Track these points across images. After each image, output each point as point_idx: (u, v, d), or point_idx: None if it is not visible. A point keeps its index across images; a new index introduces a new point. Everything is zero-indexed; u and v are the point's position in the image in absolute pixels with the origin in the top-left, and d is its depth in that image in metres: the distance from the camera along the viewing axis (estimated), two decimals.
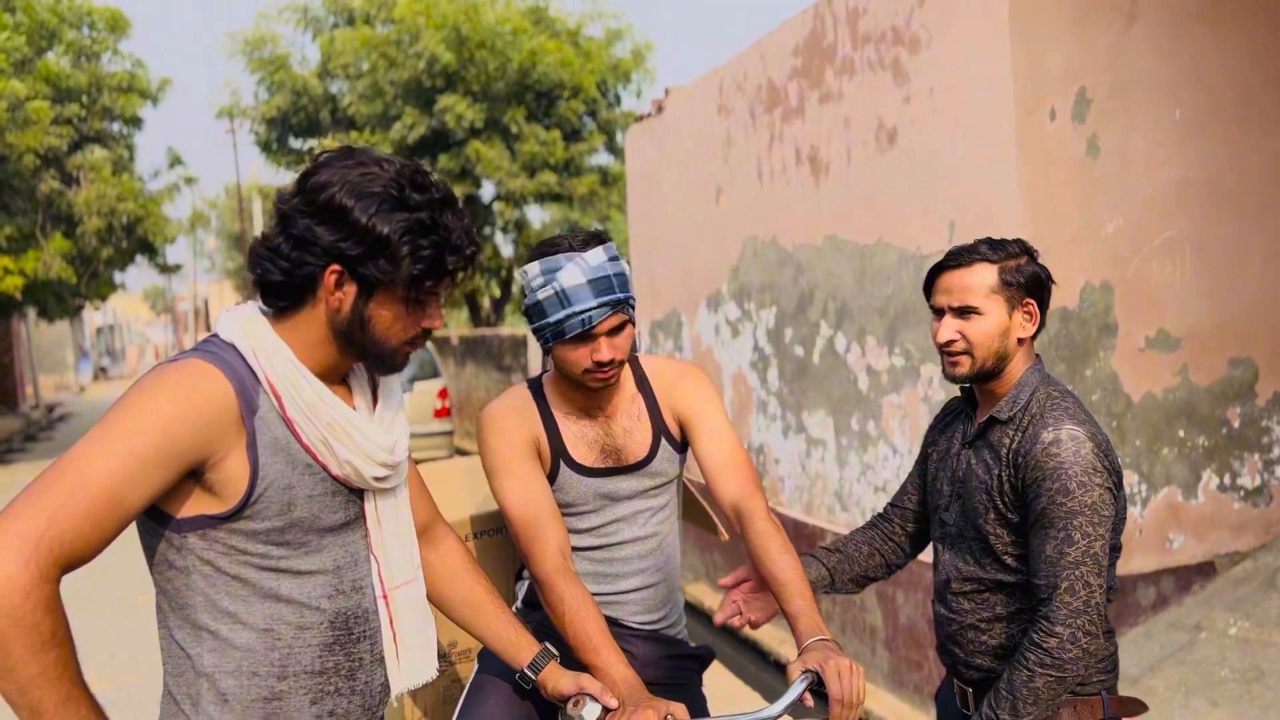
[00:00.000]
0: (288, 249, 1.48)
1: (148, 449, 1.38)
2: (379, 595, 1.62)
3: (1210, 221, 4.15)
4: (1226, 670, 3.67)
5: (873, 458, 5.04)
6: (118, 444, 1.37)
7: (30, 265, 16.12)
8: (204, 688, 1.50)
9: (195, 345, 1.52)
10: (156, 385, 1.43)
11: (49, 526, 1.32)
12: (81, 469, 1.35)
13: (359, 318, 1.51)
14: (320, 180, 1.48)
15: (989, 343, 2.02)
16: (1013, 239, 2.08)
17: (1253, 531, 4.26)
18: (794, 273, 5.64)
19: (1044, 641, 1.88)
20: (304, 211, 1.48)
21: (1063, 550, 1.89)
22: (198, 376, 1.44)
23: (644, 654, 2.27)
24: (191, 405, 1.41)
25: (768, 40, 5.80)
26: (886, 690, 4.93)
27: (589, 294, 2.03)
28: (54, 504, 1.33)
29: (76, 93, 16.82)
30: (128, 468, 1.36)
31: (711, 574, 6.90)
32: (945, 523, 2.16)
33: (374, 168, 1.49)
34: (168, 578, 1.50)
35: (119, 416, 1.39)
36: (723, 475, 2.16)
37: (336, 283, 1.49)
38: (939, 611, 2.17)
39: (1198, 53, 4.12)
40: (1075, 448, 1.90)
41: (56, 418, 25.35)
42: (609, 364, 2.09)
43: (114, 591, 7.62)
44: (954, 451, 2.15)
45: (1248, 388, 4.22)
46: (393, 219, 1.47)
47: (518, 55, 15.71)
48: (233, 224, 40.81)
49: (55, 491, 1.33)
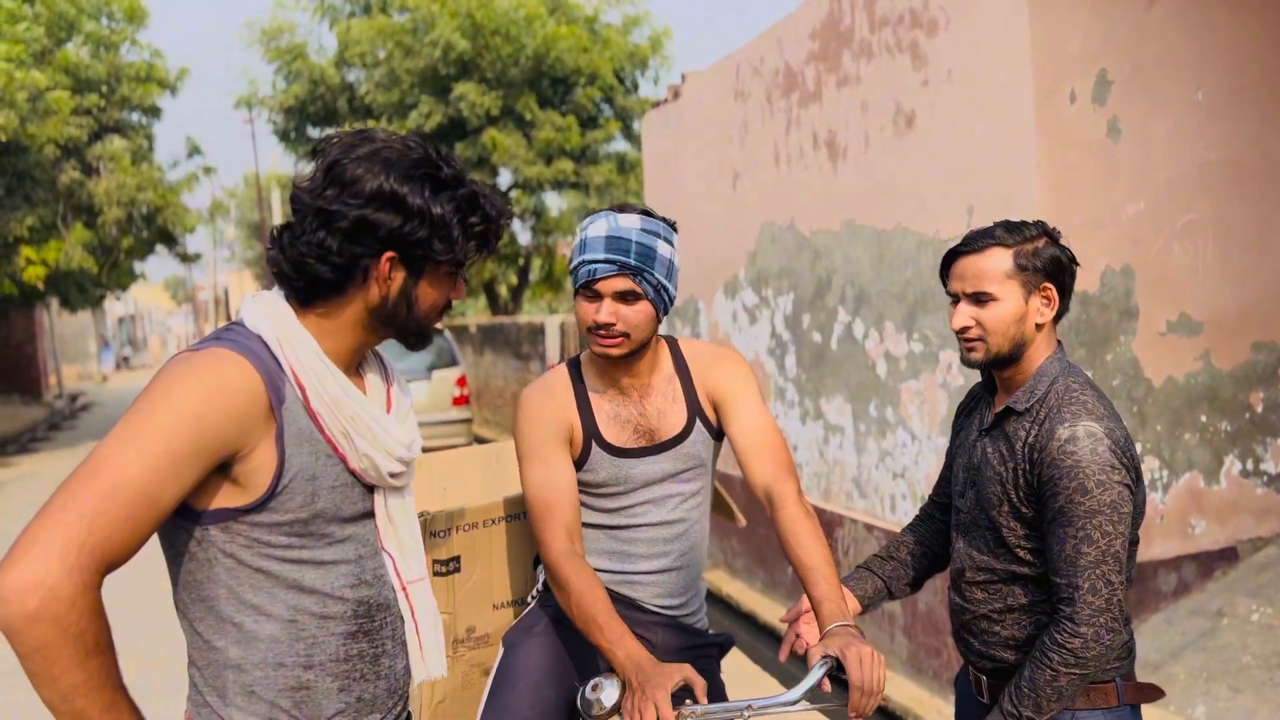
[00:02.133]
0: (337, 243, 1.45)
1: (182, 445, 1.35)
2: (399, 588, 1.63)
3: (1232, 204, 4.10)
4: (1249, 656, 3.64)
5: (891, 444, 5.02)
6: (151, 441, 1.34)
7: (52, 255, 16.24)
8: (230, 680, 1.49)
9: (216, 333, 1.50)
10: (185, 377, 1.39)
11: (89, 533, 1.29)
12: (116, 470, 1.32)
13: (407, 299, 1.52)
14: (357, 171, 1.46)
15: (1004, 329, 1.98)
16: (1032, 221, 2.04)
17: (1276, 517, 4.22)
18: (811, 258, 5.61)
19: (1068, 642, 1.86)
20: (352, 203, 1.44)
21: (1082, 549, 1.86)
22: (227, 367, 1.41)
23: (662, 641, 2.28)
24: (223, 397, 1.39)
25: (784, 24, 5.76)
26: (905, 677, 4.93)
27: (601, 247, 2.09)
28: (92, 508, 1.29)
29: (96, 83, 16.90)
30: (162, 466, 1.34)
31: (730, 561, 6.90)
32: (960, 509, 2.13)
33: (401, 148, 1.48)
34: (189, 570, 1.48)
35: (149, 411, 1.36)
36: (756, 457, 2.16)
37: (389, 270, 1.49)
38: (954, 600, 2.16)
39: (1220, 33, 4.06)
40: (1092, 445, 1.87)
41: (79, 407, 25.58)
42: (609, 328, 2.10)
43: (135, 576, 7.69)
44: (971, 438, 2.12)
45: (1270, 372, 4.18)
46: (443, 199, 1.48)
47: (533, 42, 15.67)
48: (252, 213, 40.98)
49: (91, 495, 1.30)
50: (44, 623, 1.26)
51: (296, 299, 1.52)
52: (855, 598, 2.25)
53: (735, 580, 6.78)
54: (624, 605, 2.27)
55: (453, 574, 2.44)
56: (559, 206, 19.15)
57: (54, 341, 28.71)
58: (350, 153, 1.48)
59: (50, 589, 1.26)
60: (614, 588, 2.27)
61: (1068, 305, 2.03)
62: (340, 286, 1.50)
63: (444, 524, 2.40)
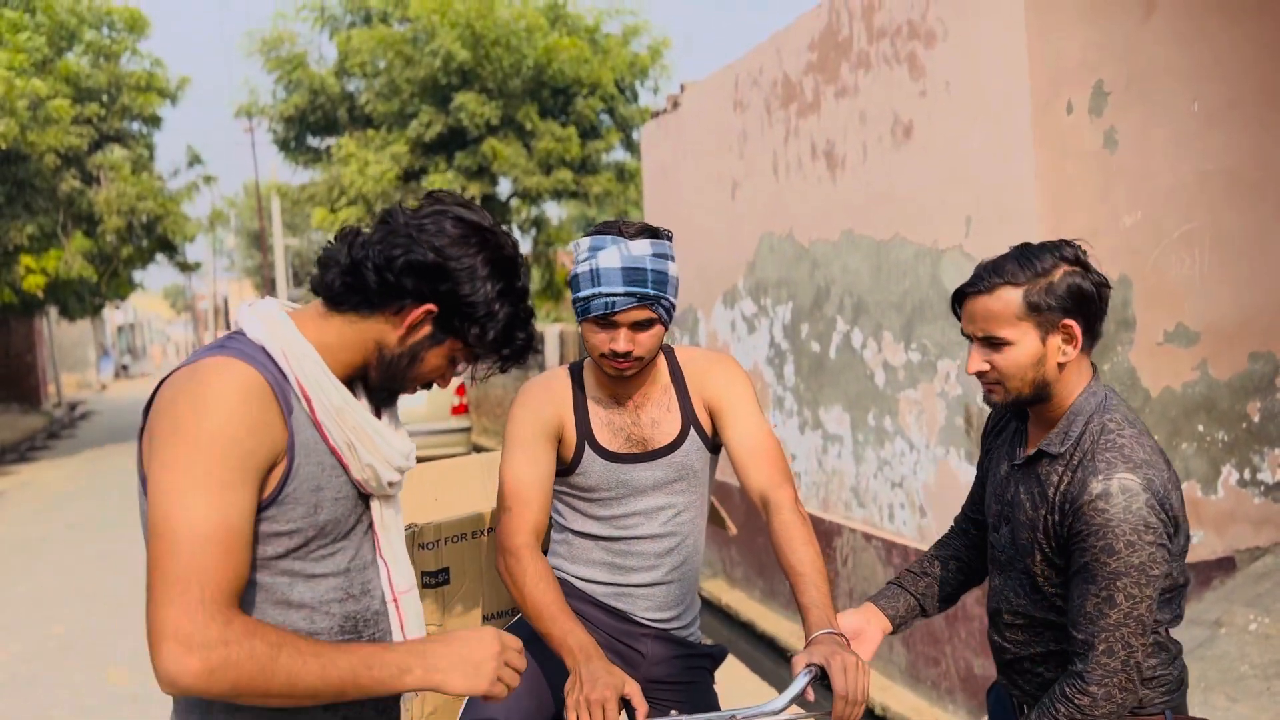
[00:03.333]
0: (402, 266, 1.49)
1: (233, 473, 1.38)
2: (390, 599, 1.62)
3: (1230, 214, 4.12)
4: (1246, 666, 3.64)
5: (889, 453, 5.02)
6: (207, 482, 1.36)
7: (52, 264, 16.25)
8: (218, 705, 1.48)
9: (219, 342, 1.49)
10: (209, 400, 1.39)
11: (201, 589, 1.33)
12: (189, 526, 1.34)
13: (414, 354, 1.55)
14: (462, 232, 1.53)
15: (1020, 373, 1.84)
16: (1051, 245, 1.87)
17: (1274, 526, 4.23)
18: (810, 268, 5.63)
19: (1076, 699, 1.80)
20: (440, 246, 1.50)
21: (1103, 610, 1.77)
22: (244, 382, 1.42)
23: (652, 653, 2.27)
24: (250, 415, 1.40)
25: (783, 35, 5.78)
26: (904, 686, 4.92)
27: (619, 279, 2.05)
28: (193, 572, 1.33)
29: (96, 92, 16.94)
30: (226, 498, 1.37)
31: (729, 570, 6.90)
32: (994, 546, 2.05)
33: (507, 243, 1.57)
34: None
35: (191, 450, 1.36)
36: (752, 464, 2.16)
37: (420, 321, 1.52)
38: (994, 639, 2.07)
39: (1216, 44, 4.08)
40: (1126, 502, 1.75)
41: (78, 415, 25.57)
42: (625, 355, 2.10)
43: (134, 588, 7.69)
44: (1004, 472, 2.02)
45: (1268, 382, 4.19)
46: (507, 300, 1.54)
47: (533, 52, 15.71)
48: (252, 222, 41.00)
49: (184, 560, 1.33)
50: (218, 671, 1.31)
51: (326, 296, 1.54)
52: (886, 617, 2.18)
53: (734, 589, 6.78)
54: (616, 618, 2.26)
55: (441, 586, 2.43)
56: (559, 216, 19.19)
57: (53, 350, 28.70)
58: (469, 215, 1.55)
59: (201, 646, 1.31)
60: (607, 600, 2.27)
61: (1099, 332, 1.88)
62: (371, 306, 1.52)
63: (432, 536, 2.39)
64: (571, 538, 2.30)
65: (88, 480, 13.96)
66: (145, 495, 1.43)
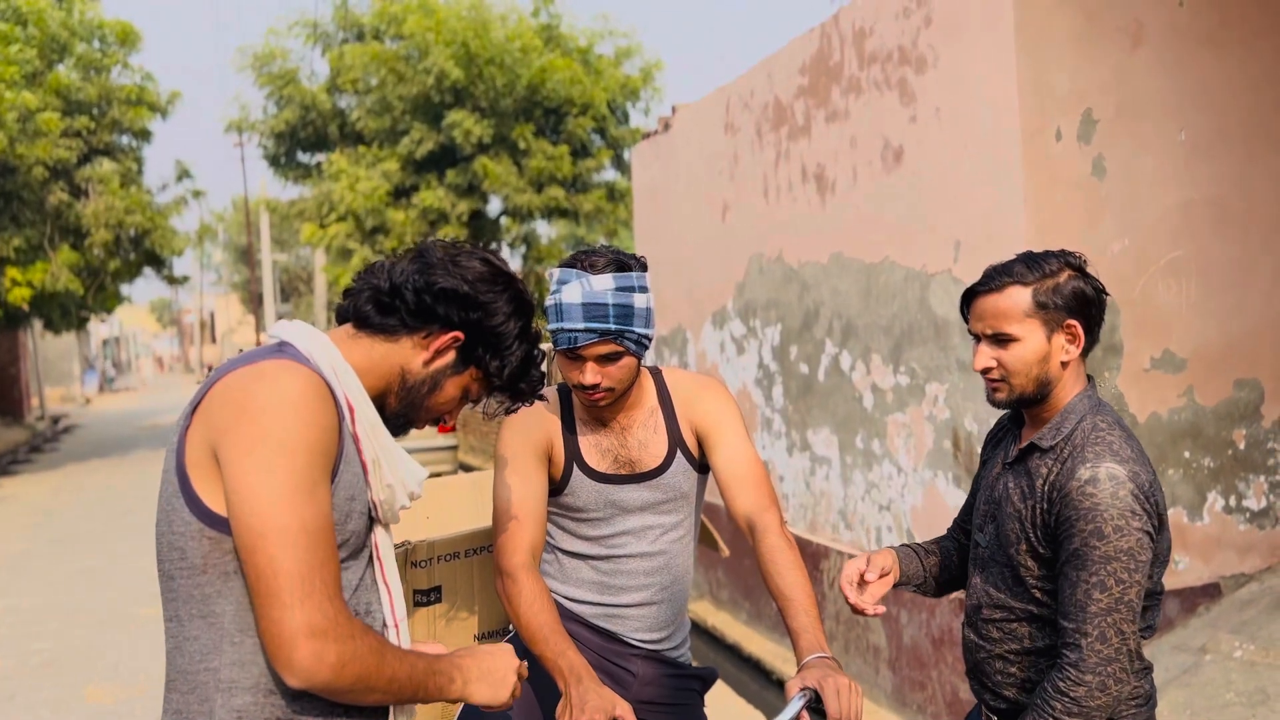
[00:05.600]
0: (437, 292, 1.59)
1: (320, 472, 1.45)
2: (392, 624, 1.64)
3: (1216, 242, 4.15)
4: (1231, 694, 3.65)
5: (877, 476, 5.03)
6: (304, 483, 1.42)
7: (38, 277, 16.16)
8: (218, 704, 1.47)
9: (271, 347, 1.54)
10: (291, 403, 1.44)
11: (324, 587, 1.41)
12: (303, 523, 1.41)
13: (435, 381, 1.64)
14: (498, 270, 1.66)
15: (1026, 369, 1.92)
16: (1056, 251, 1.97)
17: (1259, 553, 4.24)
18: (799, 290, 5.65)
19: (1071, 690, 1.80)
20: (475, 278, 1.62)
21: (1093, 595, 1.80)
22: (316, 386, 1.48)
23: (643, 673, 2.27)
24: (324, 417, 1.47)
25: (774, 59, 5.82)
26: (890, 710, 4.91)
27: (579, 315, 2.06)
28: (313, 569, 1.41)
29: (86, 105, 16.90)
30: (319, 496, 1.44)
31: (715, 592, 6.88)
32: (979, 544, 2.08)
33: (522, 285, 1.69)
34: (199, 583, 1.47)
35: (283, 452, 1.41)
36: (739, 488, 2.17)
37: (446, 346, 1.62)
38: (968, 637, 2.09)
39: (1204, 75, 4.13)
40: (1113, 488, 1.80)
41: (62, 429, 25.38)
42: (594, 387, 2.11)
43: (117, 604, 7.62)
44: (995, 472, 2.07)
45: (1253, 409, 4.21)
46: (526, 339, 1.67)
47: (527, 72, 15.76)
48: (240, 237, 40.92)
49: (303, 558, 1.40)
50: (349, 664, 1.41)
51: (358, 319, 1.62)
52: (900, 569, 2.16)
53: (720, 611, 6.76)
54: (606, 638, 2.26)
55: (433, 604, 2.42)
56: (549, 234, 19.21)
57: (37, 363, 28.53)
58: (495, 260, 1.68)
59: (335, 640, 1.40)
60: (597, 621, 2.27)
61: (1097, 337, 1.97)
62: (403, 327, 1.60)
63: (425, 554, 2.39)
64: (561, 557, 2.30)
65: (71, 495, 13.86)
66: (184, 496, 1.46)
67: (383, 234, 16.48)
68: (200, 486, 1.45)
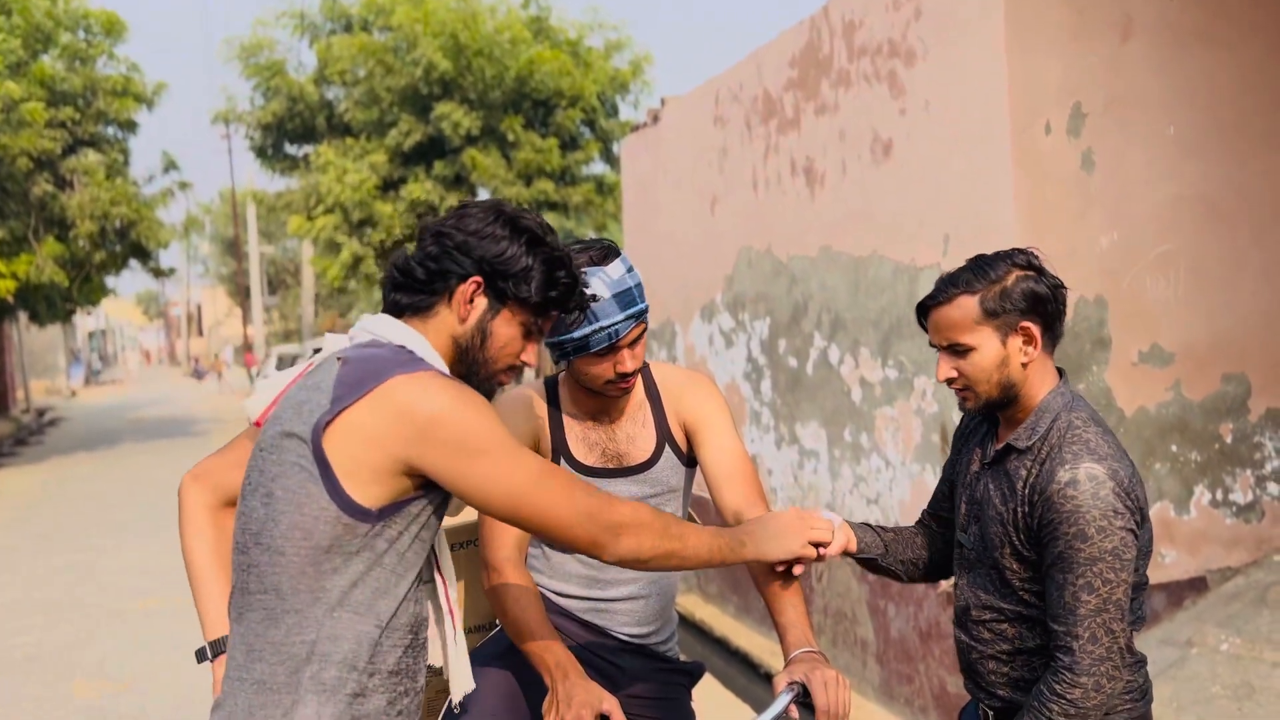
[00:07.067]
0: (438, 254, 1.70)
1: (509, 434, 1.65)
2: (446, 610, 1.76)
3: (1204, 237, 4.16)
4: (1218, 687, 3.66)
5: (865, 470, 5.03)
6: (514, 448, 1.62)
7: (22, 269, 16.05)
8: (306, 675, 1.55)
9: (407, 355, 1.63)
10: (466, 405, 1.59)
11: (586, 491, 1.67)
12: (540, 474, 1.63)
13: (481, 331, 1.71)
14: (475, 212, 1.75)
15: (986, 376, 1.93)
16: (1004, 253, 1.97)
17: (1244, 547, 4.26)
18: (788, 284, 5.64)
19: (1067, 692, 1.81)
20: (461, 230, 1.71)
21: (1081, 597, 1.81)
22: (466, 387, 1.64)
23: (630, 667, 2.26)
24: (486, 405, 1.64)
25: (764, 51, 5.81)
26: (877, 704, 4.92)
27: (615, 308, 2.04)
28: (578, 488, 1.66)
29: (71, 96, 16.77)
30: (526, 450, 1.65)
31: (703, 586, 6.88)
32: (963, 545, 2.08)
33: (515, 212, 1.76)
34: (316, 560, 1.55)
35: (489, 444, 1.59)
36: (726, 484, 2.16)
37: (472, 294, 1.70)
38: (959, 638, 2.10)
39: (1193, 70, 4.13)
40: (1094, 489, 1.81)
41: (47, 422, 25.25)
42: (632, 374, 2.10)
43: (102, 599, 7.58)
44: (973, 470, 2.07)
45: (1240, 403, 4.22)
46: (537, 252, 1.72)
47: (516, 64, 15.70)
48: (227, 229, 40.73)
49: (574, 489, 1.65)
50: (659, 545, 1.75)
51: (395, 308, 1.72)
52: (856, 539, 2.13)
53: (708, 605, 6.76)
54: (593, 633, 2.26)
55: None
56: None
57: (22, 355, 28.36)
58: (478, 204, 1.77)
59: (634, 527, 1.71)
60: (584, 615, 2.26)
61: (1059, 332, 1.97)
62: (430, 294, 1.70)
63: None
64: (548, 551, 2.29)
65: (57, 488, 13.78)
66: (324, 484, 1.54)
67: (370, 226, 16.41)
68: (349, 480, 1.54)
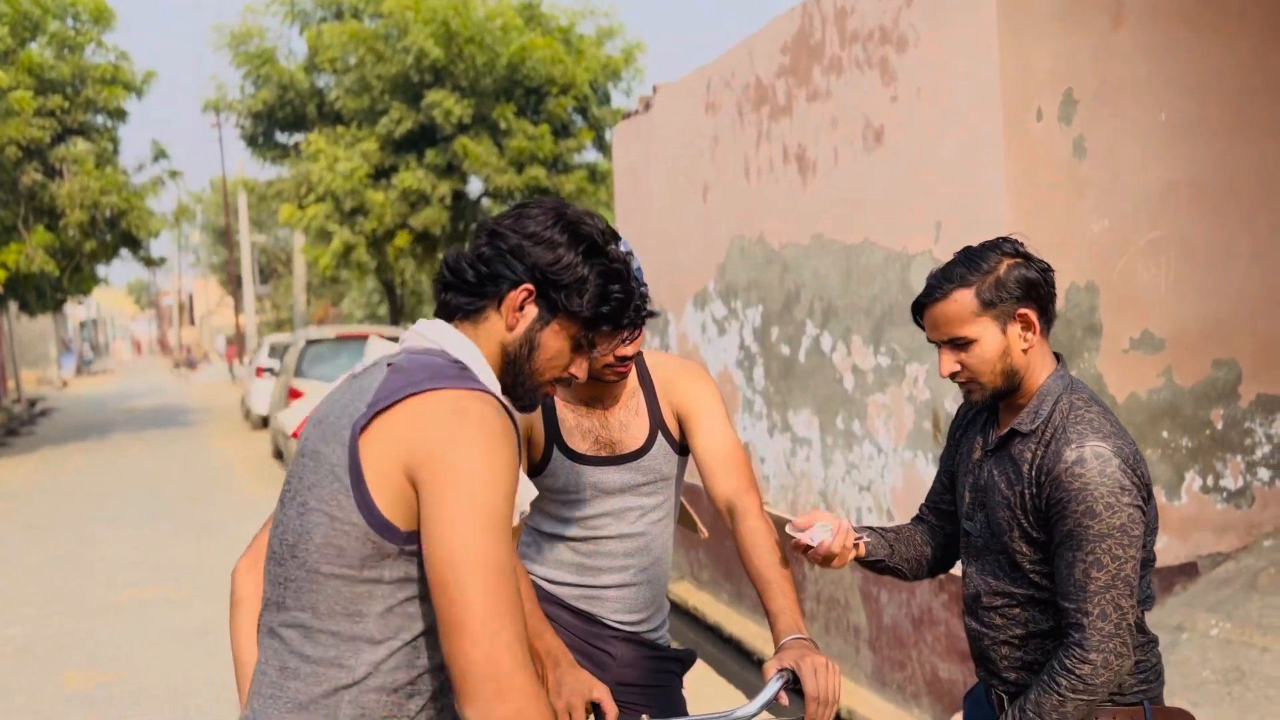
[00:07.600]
0: (491, 256, 1.62)
1: (508, 511, 1.47)
2: None
3: (1195, 223, 4.16)
4: (1208, 671, 3.68)
5: (858, 457, 5.04)
6: (495, 524, 1.44)
7: (12, 258, 15.97)
8: (345, 699, 1.49)
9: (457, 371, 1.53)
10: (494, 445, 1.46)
11: (511, 627, 1.41)
12: (492, 565, 1.41)
13: (530, 341, 1.63)
14: (534, 213, 1.66)
15: (990, 367, 1.94)
16: (992, 243, 1.99)
17: (1235, 533, 4.28)
18: (780, 271, 5.64)
19: (1077, 668, 1.83)
20: (517, 232, 1.63)
21: (1091, 574, 1.83)
22: (508, 426, 1.50)
23: (622, 655, 2.27)
24: (514, 456, 1.49)
25: (756, 38, 5.79)
26: (870, 690, 4.94)
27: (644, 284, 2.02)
28: (500, 610, 1.41)
29: (60, 84, 16.67)
30: (505, 537, 1.46)
31: (696, 573, 6.90)
32: (969, 533, 2.09)
33: (576, 217, 1.67)
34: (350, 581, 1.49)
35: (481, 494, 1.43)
36: (718, 471, 2.17)
37: (522, 302, 1.62)
38: (970, 625, 2.11)
39: (1184, 56, 4.12)
40: (1100, 466, 1.83)
41: (38, 412, 25.18)
42: (631, 358, 2.10)
43: (95, 591, 7.57)
44: (976, 458, 2.08)
45: (1231, 389, 4.23)
46: (594, 261, 1.64)
47: (507, 51, 15.64)
48: (218, 218, 40.55)
49: (489, 598, 1.40)
50: (523, 715, 1.41)
51: (447, 309, 1.65)
52: (865, 545, 2.17)
53: (701, 592, 6.78)
54: (585, 620, 2.26)
55: None
56: None
57: (12, 346, 28.26)
58: (539, 205, 1.68)
59: (516, 691, 1.40)
60: (576, 603, 2.26)
61: (1053, 315, 1.99)
62: (481, 297, 1.62)
63: None
64: (540, 538, 2.29)
65: (48, 478, 13.75)
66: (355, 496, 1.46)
67: (362, 215, 16.37)
68: (378, 494, 1.46)
